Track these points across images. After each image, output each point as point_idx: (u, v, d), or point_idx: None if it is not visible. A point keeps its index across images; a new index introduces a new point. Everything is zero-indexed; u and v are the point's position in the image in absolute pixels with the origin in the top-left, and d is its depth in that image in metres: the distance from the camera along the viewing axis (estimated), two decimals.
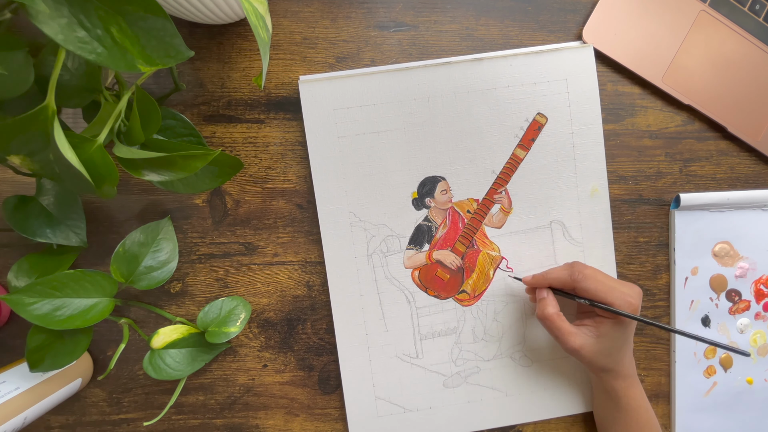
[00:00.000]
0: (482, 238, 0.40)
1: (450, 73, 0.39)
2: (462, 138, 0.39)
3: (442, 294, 0.40)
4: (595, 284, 0.34)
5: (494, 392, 0.41)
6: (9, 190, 0.39)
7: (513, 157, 0.40)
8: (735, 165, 0.42)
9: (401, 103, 0.39)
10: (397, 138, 0.39)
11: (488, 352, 0.41)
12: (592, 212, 0.40)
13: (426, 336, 0.40)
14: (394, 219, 0.40)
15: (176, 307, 0.40)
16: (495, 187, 0.40)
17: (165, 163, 0.29)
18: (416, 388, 0.40)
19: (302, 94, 0.38)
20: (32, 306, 0.32)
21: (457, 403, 0.41)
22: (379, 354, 0.40)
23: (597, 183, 0.40)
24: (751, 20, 0.40)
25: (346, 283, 0.40)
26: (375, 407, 0.40)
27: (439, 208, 0.40)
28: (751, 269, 0.42)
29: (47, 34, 0.21)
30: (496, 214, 0.40)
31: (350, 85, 0.38)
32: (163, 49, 0.25)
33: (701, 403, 0.42)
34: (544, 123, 0.40)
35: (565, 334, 0.35)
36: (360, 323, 0.40)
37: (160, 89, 0.39)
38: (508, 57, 0.39)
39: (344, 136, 0.39)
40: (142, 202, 0.40)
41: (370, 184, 0.39)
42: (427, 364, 0.41)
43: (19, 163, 0.27)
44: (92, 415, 0.40)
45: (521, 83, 0.39)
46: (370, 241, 0.40)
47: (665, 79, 0.40)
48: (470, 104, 0.39)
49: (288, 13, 0.40)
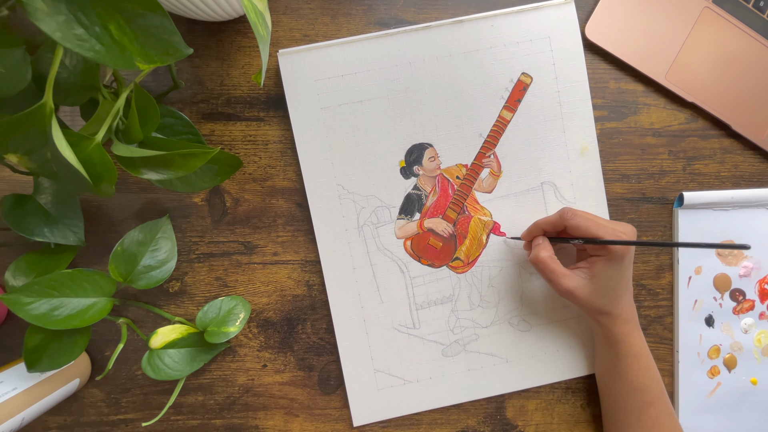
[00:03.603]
0: (473, 204, 0.40)
1: (431, 36, 0.38)
2: (447, 103, 0.39)
3: (435, 262, 0.40)
4: (585, 222, 0.34)
5: (494, 359, 0.41)
6: (6, 189, 0.39)
7: (500, 119, 0.39)
8: (739, 163, 0.42)
9: (383, 70, 0.38)
10: (381, 106, 0.39)
11: (486, 318, 0.40)
12: (583, 171, 0.40)
13: (422, 305, 0.40)
14: (383, 189, 0.39)
15: (175, 307, 0.40)
16: (483, 151, 0.40)
17: (163, 161, 0.29)
18: (415, 359, 0.40)
19: (282, 67, 0.38)
20: (30, 305, 0.32)
21: (458, 371, 0.40)
22: (375, 326, 0.40)
23: (586, 141, 0.40)
24: (755, 17, 0.40)
25: (338, 257, 0.39)
26: (374, 380, 0.40)
27: (428, 175, 0.40)
28: (755, 268, 0.41)
29: (45, 31, 0.21)
30: (486, 179, 0.40)
31: (330, 54, 0.38)
32: (161, 47, 0.24)
33: (705, 404, 0.41)
34: (529, 83, 0.39)
35: (558, 276, 0.35)
36: (354, 296, 0.40)
37: (159, 87, 0.39)
38: (488, 18, 0.38)
39: (327, 108, 0.38)
40: (141, 201, 0.40)
41: (357, 155, 0.39)
42: (424, 334, 0.40)
43: (16, 161, 0.27)
44: (90, 416, 0.40)
45: (503, 43, 0.39)
46: (360, 213, 0.39)
47: (668, 76, 0.40)
48: (453, 68, 0.39)
49: (288, 10, 0.39)
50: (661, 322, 0.42)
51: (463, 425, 0.41)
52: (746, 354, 0.42)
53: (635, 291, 0.42)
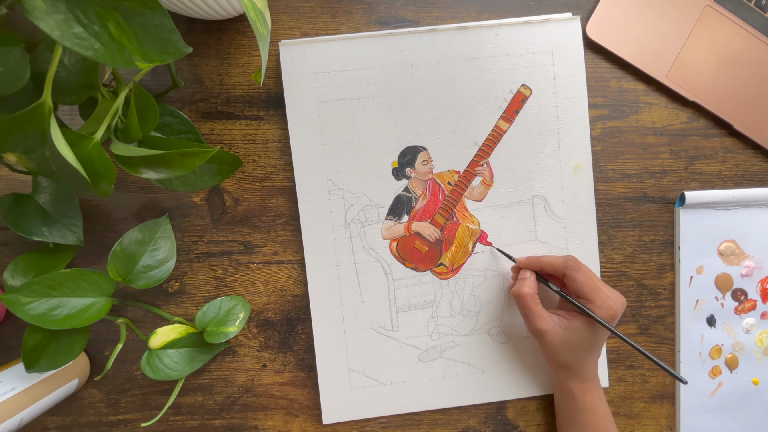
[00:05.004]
0: (462, 211, 0.40)
1: (434, 40, 0.38)
2: (444, 108, 0.39)
3: (419, 266, 0.40)
4: (585, 278, 0.34)
5: (470, 368, 0.40)
6: (5, 188, 0.38)
7: (496, 128, 0.39)
8: (741, 162, 0.42)
9: (384, 70, 0.38)
10: (378, 105, 0.39)
11: (465, 327, 0.40)
12: (575, 188, 0.40)
13: (402, 308, 0.40)
14: (374, 188, 0.39)
15: (174, 307, 0.40)
16: (477, 159, 0.39)
17: (163, 160, 0.28)
18: (391, 362, 0.40)
19: (282, 57, 0.38)
20: (28, 305, 0.32)
21: (432, 378, 0.40)
22: (354, 325, 0.40)
23: (581, 158, 0.40)
24: (757, 16, 0.40)
25: (323, 252, 0.39)
26: (348, 379, 0.40)
27: (420, 178, 0.39)
28: (757, 268, 0.41)
29: (44, 30, 0.21)
30: (477, 187, 0.40)
31: (332, 49, 0.38)
32: (160, 46, 0.24)
33: (706, 404, 0.41)
34: (529, 95, 0.39)
35: (534, 315, 0.35)
36: (335, 293, 0.40)
37: (158, 86, 0.39)
38: (493, 27, 0.38)
39: (324, 102, 0.38)
40: (140, 200, 0.39)
41: (350, 152, 0.39)
42: (402, 337, 0.40)
43: (15, 160, 0.27)
44: (89, 416, 0.40)
45: (506, 54, 0.39)
46: (348, 210, 0.39)
47: (670, 75, 0.40)
48: (454, 73, 0.39)
49: (288, 8, 0.39)
50: (663, 322, 0.42)
51: (464, 425, 0.41)
52: (748, 354, 0.41)
53: (636, 291, 0.42)
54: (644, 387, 0.42)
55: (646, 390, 0.42)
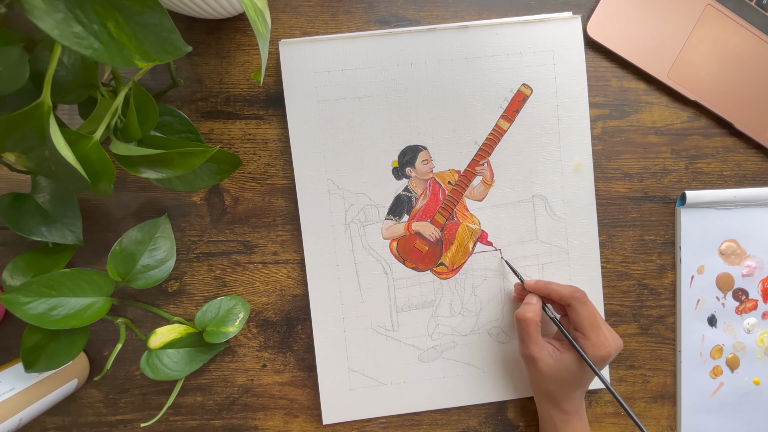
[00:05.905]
0: (462, 211, 0.40)
1: (434, 39, 0.38)
2: (445, 107, 0.39)
3: (420, 266, 0.40)
4: (587, 313, 0.34)
5: (470, 368, 0.40)
6: (4, 188, 0.38)
7: (496, 128, 0.39)
8: (742, 162, 0.42)
9: (384, 69, 0.38)
10: (378, 104, 0.38)
11: (465, 326, 0.40)
12: (575, 188, 0.40)
13: (402, 308, 0.40)
14: (374, 188, 0.39)
15: (174, 307, 0.40)
16: (477, 159, 0.39)
17: (162, 160, 0.28)
18: (391, 362, 0.40)
19: (282, 57, 0.38)
20: (28, 305, 0.32)
21: (433, 378, 0.40)
22: (354, 325, 0.40)
23: (581, 158, 0.40)
24: (758, 15, 0.40)
25: (323, 252, 0.39)
26: (348, 379, 0.40)
27: (420, 178, 0.39)
28: (758, 268, 0.41)
29: (43, 29, 0.21)
30: (478, 187, 0.40)
31: (332, 48, 0.38)
32: (160, 45, 0.24)
33: (707, 404, 0.41)
34: (529, 94, 0.39)
35: (531, 340, 0.35)
36: (335, 293, 0.39)
37: (158, 85, 0.39)
38: (494, 26, 0.38)
39: (324, 101, 0.38)
40: (139, 200, 0.39)
41: (350, 152, 0.39)
42: (402, 337, 0.40)
43: (14, 160, 0.27)
44: (89, 416, 0.40)
45: (507, 53, 0.39)
46: (348, 210, 0.39)
47: (671, 74, 0.40)
48: (454, 72, 0.39)
49: (287, 7, 0.39)
50: (664, 321, 0.42)
51: (465, 426, 0.41)
52: (749, 354, 0.41)
53: (636, 291, 0.42)
54: (645, 387, 0.42)
55: (647, 390, 0.42)
